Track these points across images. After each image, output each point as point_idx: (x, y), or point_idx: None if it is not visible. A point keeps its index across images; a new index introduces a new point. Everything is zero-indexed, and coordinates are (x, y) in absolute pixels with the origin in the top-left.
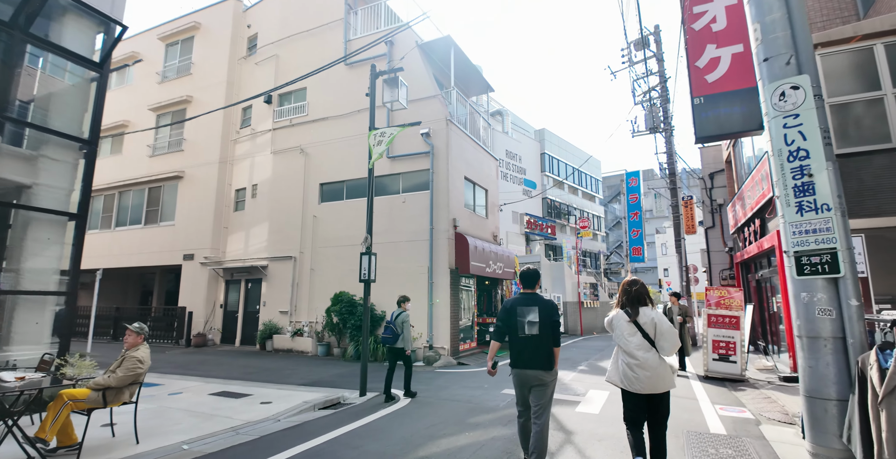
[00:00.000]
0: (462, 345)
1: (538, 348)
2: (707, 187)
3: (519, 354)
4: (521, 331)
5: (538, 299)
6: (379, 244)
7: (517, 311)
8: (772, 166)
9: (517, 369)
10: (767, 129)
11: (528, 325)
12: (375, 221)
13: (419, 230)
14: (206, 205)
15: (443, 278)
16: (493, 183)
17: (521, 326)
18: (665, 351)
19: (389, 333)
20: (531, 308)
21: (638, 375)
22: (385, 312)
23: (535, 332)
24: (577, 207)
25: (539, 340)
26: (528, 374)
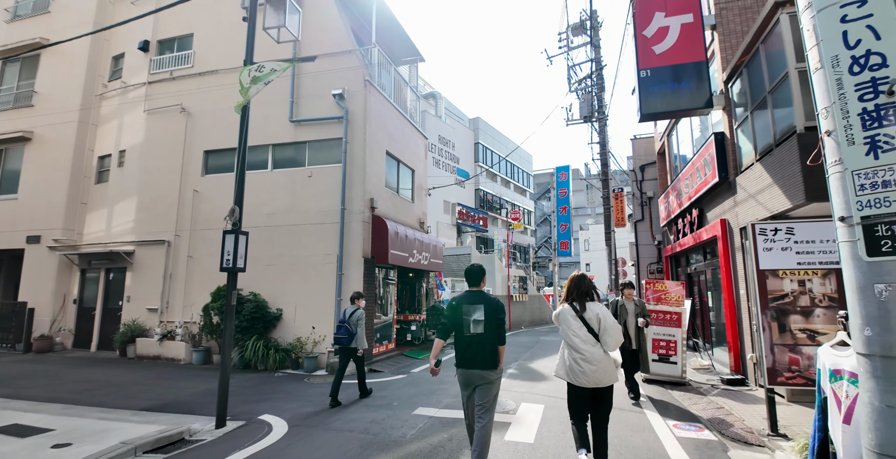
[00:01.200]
0: (377, 347)
1: (483, 347)
2: (637, 180)
3: (464, 353)
4: (467, 330)
5: (484, 297)
6: (277, 227)
7: (463, 309)
8: (815, 87)
9: (462, 368)
10: (811, 28)
11: (473, 324)
12: (274, 198)
13: (328, 211)
14: (60, 175)
15: (355, 269)
16: (420, 163)
17: (466, 324)
18: (608, 346)
19: (344, 332)
20: (477, 306)
21: (584, 369)
22: (282, 310)
23: (480, 331)
24: (509, 200)
25: (484, 339)
26: (473, 373)
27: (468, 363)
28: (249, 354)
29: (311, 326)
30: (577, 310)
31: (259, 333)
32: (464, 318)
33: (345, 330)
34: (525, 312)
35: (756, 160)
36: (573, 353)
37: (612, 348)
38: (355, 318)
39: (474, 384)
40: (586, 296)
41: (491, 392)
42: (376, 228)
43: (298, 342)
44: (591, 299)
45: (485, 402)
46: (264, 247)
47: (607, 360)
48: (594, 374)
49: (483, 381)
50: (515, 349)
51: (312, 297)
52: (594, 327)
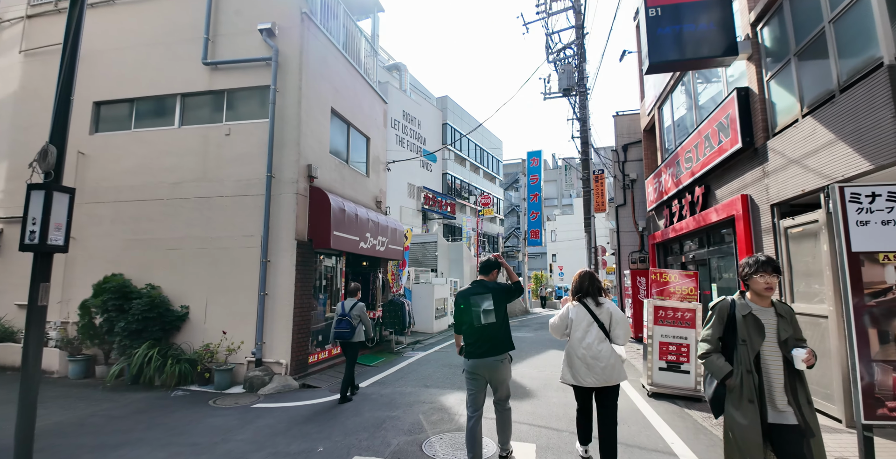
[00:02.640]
0: (317, 354)
1: (496, 335)
2: (619, 161)
3: (477, 344)
4: (478, 321)
5: (488, 284)
6: (185, 201)
7: (471, 301)
8: None
9: (476, 359)
10: None
11: (483, 314)
12: (182, 162)
13: (251, 180)
14: None
15: (285, 255)
16: (378, 132)
17: (476, 315)
18: (620, 340)
19: (346, 326)
20: (484, 296)
21: (593, 367)
22: (188, 307)
23: (491, 320)
24: (479, 186)
25: (496, 327)
26: (484, 364)
27: (480, 353)
28: (136, 365)
29: (226, 327)
30: (588, 307)
31: (156, 337)
32: (473, 309)
33: (346, 324)
34: None
35: (804, 115)
36: (583, 352)
37: (623, 341)
38: (357, 311)
39: (487, 375)
40: (598, 292)
41: (504, 385)
42: (316, 203)
43: (207, 349)
44: (600, 295)
45: (502, 396)
46: (167, 225)
47: (615, 356)
48: (603, 372)
49: (495, 373)
50: None
51: (229, 291)
52: (605, 322)
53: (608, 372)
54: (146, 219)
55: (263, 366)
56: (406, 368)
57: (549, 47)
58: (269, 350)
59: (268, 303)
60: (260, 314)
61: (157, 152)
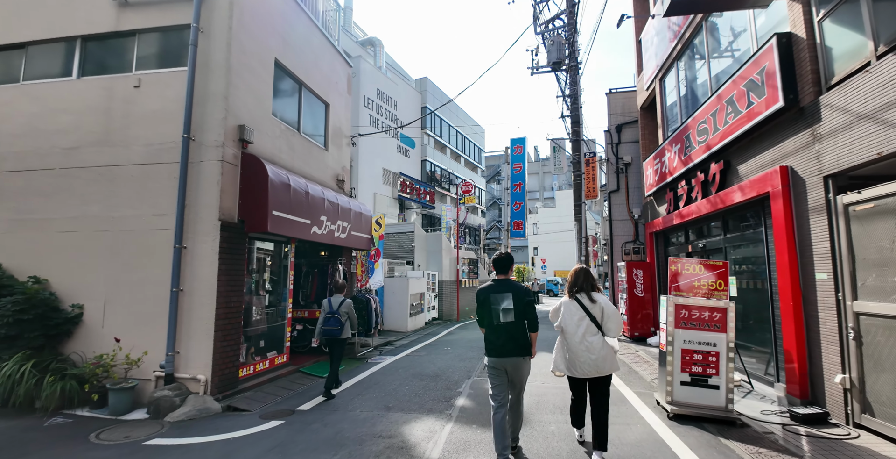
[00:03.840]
0: (253, 365)
1: (514, 335)
2: (613, 143)
3: (496, 342)
4: (497, 319)
5: (511, 284)
6: (82, 171)
7: (491, 299)
8: None
9: (495, 357)
10: None
11: (503, 312)
12: (79, 122)
13: (165, 145)
14: None
15: (205, 241)
16: (340, 99)
17: (496, 314)
18: (612, 332)
19: (335, 324)
20: (505, 295)
21: (585, 359)
22: (82, 307)
23: (510, 319)
24: (460, 175)
25: (515, 327)
26: (505, 362)
27: (500, 351)
28: (5, 383)
29: (129, 332)
30: (581, 302)
31: (36, 346)
32: (493, 307)
33: (335, 321)
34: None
35: (881, 55)
36: (576, 344)
37: (615, 334)
38: (345, 308)
39: (507, 373)
40: (591, 288)
41: (522, 382)
42: (250, 175)
43: (99, 362)
44: (594, 290)
45: (518, 390)
46: (59, 202)
47: (607, 347)
48: (595, 363)
49: (515, 370)
50: (465, 351)
51: (134, 287)
52: (597, 316)
53: (600, 363)
54: (34, 194)
55: (176, 384)
56: (367, 379)
57: (537, 17)
58: (185, 363)
59: (183, 302)
60: (172, 316)
61: (49, 110)
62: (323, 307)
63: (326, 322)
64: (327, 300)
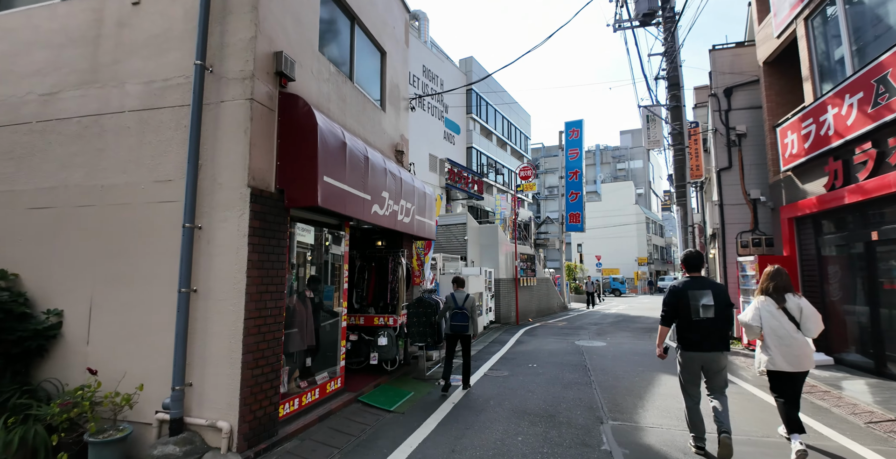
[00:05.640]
0: (299, 395)
1: (714, 330)
2: (720, 110)
3: (693, 337)
4: (696, 315)
5: (709, 282)
6: (60, 124)
7: (689, 295)
8: None
9: (692, 351)
10: None
11: (703, 308)
12: (59, 58)
13: (170, 81)
14: None
15: (226, 219)
16: (398, 48)
17: (694, 309)
18: (811, 333)
19: (463, 319)
20: (704, 292)
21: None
22: (60, 313)
23: (710, 315)
24: (506, 164)
25: (714, 323)
26: (705, 357)
27: (698, 345)
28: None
29: (123, 352)
30: (779, 302)
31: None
32: (690, 303)
33: (463, 317)
34: (532, 299)
35: None
36: (779, 342)
37: (814, 334)
38: (470, 303)
39: (705, 367)
40: (785, 289)
41: (722, 376)
42: (290, 123)
43: (74, 400)
44: (789, 291)
45: (718, 386)
46: (32, 168)
47: (809, 346)
48: (799, 360)
49: (714, 365)
50: (560, 372)
51: (129, 284)
52: (795, 316)
53: (803, 360)
54: (2, 158)
55: (186, 434)
56: (452, 422)
57: None
58: (199, 400)
59: (196, 308)
60: (180, 330)
61: (23, 45)
62: (446, 303)
63: (455, 318)
64: (451, 295)
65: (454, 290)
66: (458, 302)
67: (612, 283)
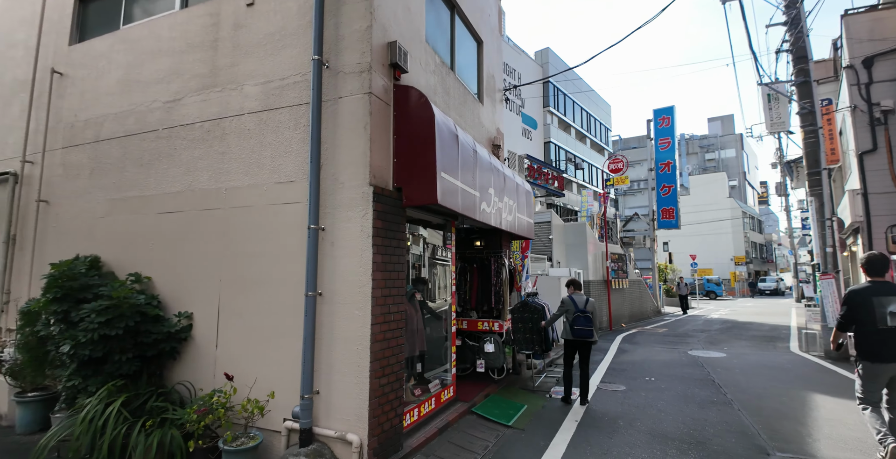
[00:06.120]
0: (417, 405)
1: None
2: (859, 83)
3: (881, 346)
4: (882, 322)
5: None
6: (184, 129)
7: (873, 301)
8: None
9: (878, 362)
10: None
11: (889, 316)
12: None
13: (286, 80)
14: None
15: (349, 219)
16: (493, 37)
17: (881, 317)
18: None
19: (588, 324)
20: (890, 298)
21: None
22: (192, 315)
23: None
24: (586, 159)
25: None
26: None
27: (886, 357)
28: (83, 432)
29: (250, 356)
30: None
31: (129, 372)
32: (876, 310)
33: (586, 321)
34: (624, 303)
35: None
36: None
37: None
38: (592, 306)
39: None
40: None
41: None
42: (405, 117)
43: (209, 406)
44: None
45: None
46: (159, 173)
47: None
48: None
49: None
50: (685, 387)
51: (254, 287)
52: None
53: None
54: (133, 164)
55: (315, 446)
56: (582, 445)
57: None
58: (326, 410)
59: (321, 312)
60: (308, 336)
61: (147, 54)
62: (563, 306)
63: (577, 322)
64: (569, 297)
65: (570, 293)
66: (579, 305)
67: (705, 284)
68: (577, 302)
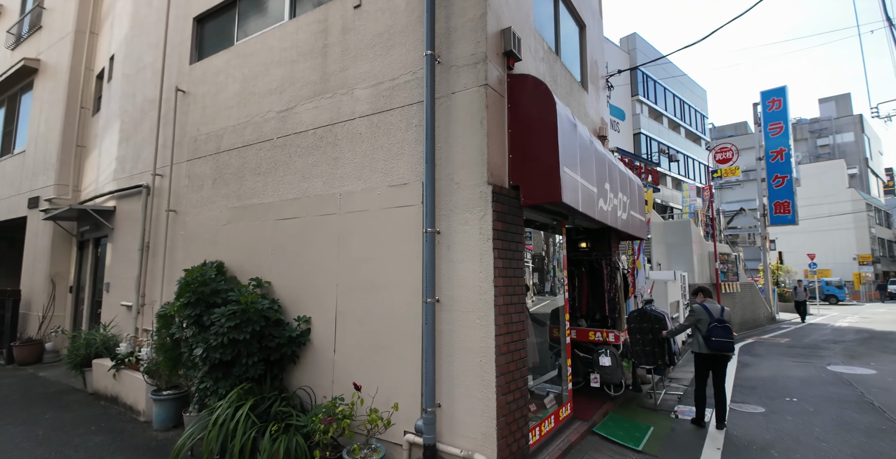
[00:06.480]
0: (538, 423)
1: None
2: None
3: None
4: None
5: None
6: (296, 137)
7: None
8: None
9: None
10: None
11: None
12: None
13: (397, 80)
14: (55, 109)
15: (466, 221)
16: (594, 21)
17: None
18: None
19: (728, 334)
20: None
21: None
22: (310, 319)
23: None
24: (681, 150)
25: None
26: None
27: None
28: (213, 437)
29: (368, 363)
30: None
31: (254, 375)
32: None
33: (726, 331)
34: (735, 309)
35: None
36: None
37: None
38: (728, 315)
39: None
40: None
41: None
42: (522, 109)
43: (334, 415)
44: None
45: None
46: (276, 181)
47: None
48: None
49: None
50: (840, 411)
51: (370, 292)
52: None
53: None
54: (251, 173)
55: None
56: None
57: None
58: (449, 425)
59: (440, 320)
60: (428, 345)
61: (260, 66)
62: (694, 314)
63: (714, 333)
64: (700, 305)
65: (700, 300)
66: (714, 314)
67: (824, 287)
68: (711, 311)
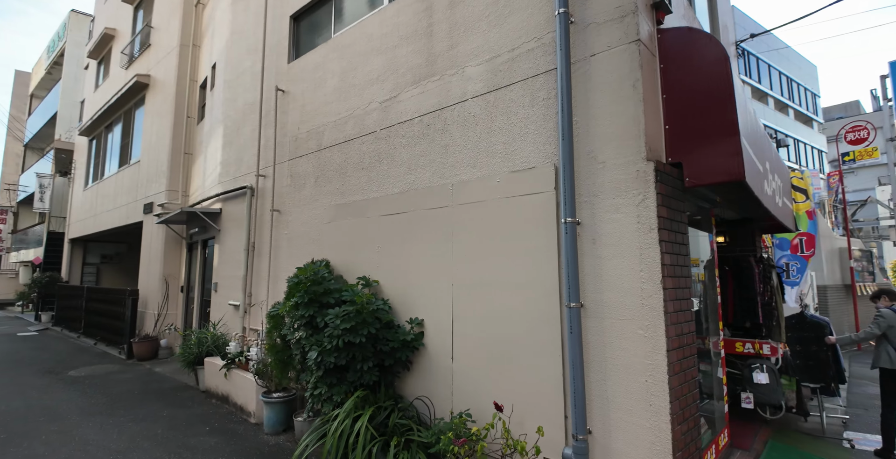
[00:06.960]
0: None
1: None
2: None
3: None
4: None
5: None
6: (400, 127)
7: None
8: None
9: None
10: None
11: None
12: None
13: (516, 51)
14: (164, 120)
15: (617, 209)
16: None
17: None
18: None
19: None
20: None
21: None
22: (422, 321)
23: None
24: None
25: None
26: None
27: None
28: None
29: (493, 374)
30: None
31: (368, 382)
32: None
33: None
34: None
35: None
36: None
37: None
38: None
39: None
40: None
41: None
42: (680, 68)
43: (463, 433)
44: None
45: None
46: (380, 175)
47: None
48: None
49: None
50: None
51: (488, 296)
52: None
53: None
54: (354, 169)
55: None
56: None
57: None
58: (602, 454)
59: (587, 328)
60: (575, 359)
61: (359, 57)
62: (887, 320)
63: None
64: (890, 309)
65: (886, 305)
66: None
67: None
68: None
